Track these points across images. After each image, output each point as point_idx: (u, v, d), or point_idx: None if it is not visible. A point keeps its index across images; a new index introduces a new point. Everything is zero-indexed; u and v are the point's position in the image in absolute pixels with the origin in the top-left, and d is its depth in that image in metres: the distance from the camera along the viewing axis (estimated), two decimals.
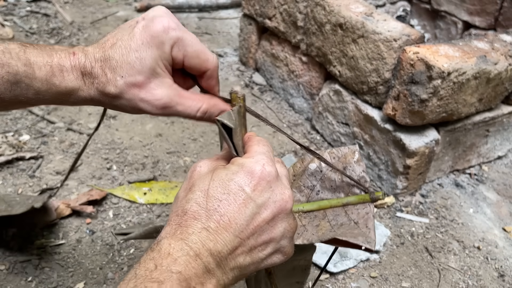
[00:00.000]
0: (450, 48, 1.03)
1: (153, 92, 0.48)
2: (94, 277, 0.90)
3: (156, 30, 0.47)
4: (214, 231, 0.40)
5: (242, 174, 0.43)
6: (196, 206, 0.41)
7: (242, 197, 0.42)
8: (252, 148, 0.47)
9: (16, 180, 1.10)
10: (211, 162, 0.47)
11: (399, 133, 1.09)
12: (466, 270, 1.01)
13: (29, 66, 0.45)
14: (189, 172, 0.47)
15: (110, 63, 0.47)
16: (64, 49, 0.48)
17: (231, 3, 2.25)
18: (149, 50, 0.47)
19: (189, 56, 0.49)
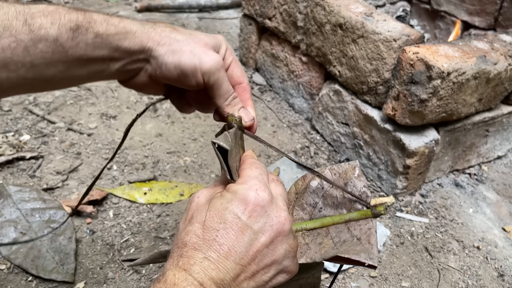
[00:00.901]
0: (449, 48, 1.03)
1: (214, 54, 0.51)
2: (94, 277, 0.90)
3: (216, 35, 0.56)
4: (215, 261, 0.41)
5: (236, 202, 0.44)
6: (195, 238, 0.42)
7: (239, 225, 0.43)
8: (244, 172, 0.48)
9: (16, 180, 1.10)
10: (209, 191, 0.48)
11: (399, 133, 1.10)
12: (466, 270, 1.01)
13: (87, 14, 0.47)
14: (188, 204, 0.48)
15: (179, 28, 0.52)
16: None
17: (231, 3, 2.25)
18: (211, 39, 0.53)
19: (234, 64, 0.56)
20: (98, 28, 0.47)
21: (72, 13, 0.46)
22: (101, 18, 0.48)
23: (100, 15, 0.48)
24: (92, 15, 0.47)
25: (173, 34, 0.50)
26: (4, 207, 0.99)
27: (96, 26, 0.47)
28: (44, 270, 0.88)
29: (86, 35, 0.46)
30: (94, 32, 0.47)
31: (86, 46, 0.47)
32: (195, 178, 1.19)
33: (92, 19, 0.47)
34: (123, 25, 0.48)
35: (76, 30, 0.46)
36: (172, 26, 0.52)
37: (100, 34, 0.47)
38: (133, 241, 0.99)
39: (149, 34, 0.50)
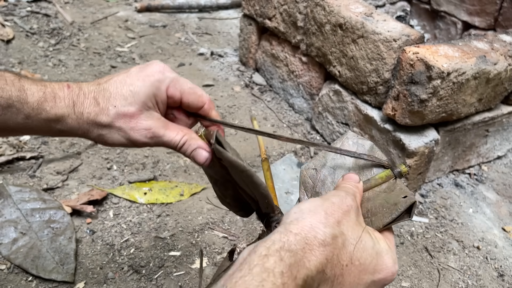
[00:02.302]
0: (449, 48, 1.03)
1: (143, 122, 0.51)
2: (94, 277, 0.90)
3: (152, 71, 0.52)
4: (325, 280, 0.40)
5: (380, 261, 0.45)
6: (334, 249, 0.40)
7: (364, 278, 0.43)
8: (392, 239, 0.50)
9: (16, 180, 1.10)
10: (359, 208, 0.47)
11: (399, 133, 1.10)
12: (466, 270, 1.01)
13: (22, 91, 0.48)
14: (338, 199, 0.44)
15: (104, 93, 0.50)
16: (58, 83, 0.51)
17: (231, 3, 2.25)
18: (143, 87, 0.51)
19: (186, 93, 0.53)
20: (29, 111, 0.48)
21: (6, 89, 0.47)
22: (35, 99, 0.48)
23: (34, 94, 0.48)
24: (27, 94, 0.48)
25: (98, 118, 0.50)
26: (4, 207, 0.99)
27: (28, 109, 0.48)
28: (44, 270, 0.88)
29: (16, 115, 0.48)
30: (25, 114, 0.48)
31: (16, 124, 0.48)
32: (195, 178, 1.19)
33: (25, 100, 0.47)
34: (55, 111, 0.49)
35: (6, 108, 0.47)
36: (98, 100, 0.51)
37: (31, 117, 0.48)
38: (133, 241, 0.99)
39: (78, 121, 0.50)
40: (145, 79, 0.51)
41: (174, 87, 0.52)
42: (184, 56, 1.79)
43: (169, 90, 0.52)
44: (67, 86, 0.50)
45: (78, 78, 1.55)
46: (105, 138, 0.52)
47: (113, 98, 0.50)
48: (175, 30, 1.99)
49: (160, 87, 0.52)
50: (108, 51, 1.74)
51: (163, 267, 0.94)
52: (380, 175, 0.54)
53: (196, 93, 0.54)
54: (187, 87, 0.53)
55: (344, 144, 0.58)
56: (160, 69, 0.52)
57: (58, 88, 0.50)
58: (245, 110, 1.49)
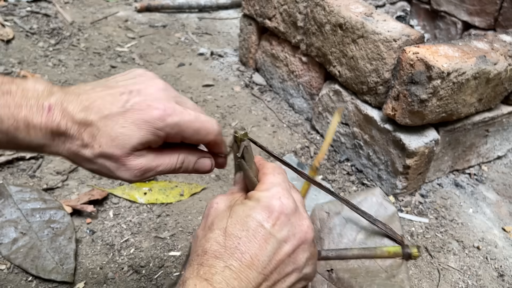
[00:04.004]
0: (449, 48, 1.03)
1: (131, 163, 0.45)
2: (94, 277, 0.90)
3: (150, 117, 0.43)
4: (237, 270, 0.40)
5: (260, 210, 0.42)
6: (216, 245, 0.41)
7: (262, 233, 0.41)
8: (267, 178, 0.46)
9: (16, 180, 1.10)
10: (228, 197, 0.47)
11: (399, 133, 1.10)
12: (466, 270, 1.02)
13: None
14: (206, 210, 0.46)
15: (91, 129, 0.43)
16: (38, 97, 0.43)
17: (231, 3, 2.25)
18: (137, 132, 0.43)
19: (188, 137, 0.47)
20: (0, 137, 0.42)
21: None
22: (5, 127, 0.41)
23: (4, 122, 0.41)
24: None
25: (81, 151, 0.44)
26: (5, 207, 0.99)
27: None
28: (44, 270, 0.88)
29: None
30: None
31: None
32: (195, 178, 1.19)
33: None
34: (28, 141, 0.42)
35: None
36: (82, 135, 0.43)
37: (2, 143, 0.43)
38: (133, 241, 0.99)
39: (58, 149, 0.44)
40: (141, 126, 0.43)
41: (174, 133, 0.45)
42: (184, 56, 1.79)
43: (168, 138, 0.46)
44: (47, 109, 0.42)
45: (78, 78, 1.55)
46: (89, 169, 0.46)
47: (100, 136, 0.43)
48: (175, 30, 1.99)
49: (159, 135, 0.45)
50: (108, 51, 1.74)
51: (163, 267, 0.94)
52: (388, 249, 0.51)
53: (199, 133, 0.47)
54: (191, 132, 0.46)
55: (368, 199, 0.55)
56: (160, 115, 0.43)
57: (36, 112, 0.42)
58: (245, 110, 1.49)
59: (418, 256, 0.50)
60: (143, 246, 0.98)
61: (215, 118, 1.43)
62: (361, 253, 0.50)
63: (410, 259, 0.51)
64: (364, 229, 0.53)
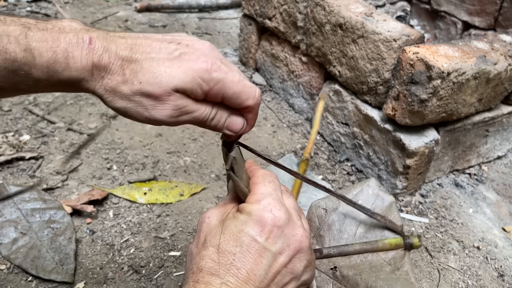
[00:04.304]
0: (449, 48, 1.03)
1: (170, 103, 0.43)
2: (94, 277, 0.90)
3: (199, 67, 0.43)
4: (234, 285, 0.40)
5: (252, 224, 0.42)
6: (211, 262, 0.41)
7: (256, 248, 0.41)
8: (257, 188, 0.45)
9: (16, 180, 1.10)
10: (219, 211, 0.46)
11: (399, 133, 1.10)
12: (466, 270, 1.01)
13: (29, 51, 0.40)
14: (199, 224, 0.46)
15: (135, 66, 0.42)
16: (77, 31, 0.42)
17: (231, 3, 2.25)
18: (182, 75, 0.42)
19: (228, 98, 0.46)
20: (38, 74, 0.41)
21: (9, 50, 0.39)
22: (44, 60, 0.40)
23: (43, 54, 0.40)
24: (34, 55, 0.40)
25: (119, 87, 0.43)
26: (5, 207, 0.99)
27: (37, 72, 0.40)
28: (44, 271, 0.88)
29: (25, 77, 0.41)
30: (34, 78, 0.41)
31: (26, 86, 0.42)
32: (195, 178, 1.19)
33: (32, 62, 0.40)
34: (67, 74, 0.41)
35: (13, 72, 0.40)
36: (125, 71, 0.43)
37: (42, 81, 0.41)
38: (133, 241, 0.99)
39: (95, 85, 0.43)
40: (187, 72, 0.42)
41: (217, 90, 0.44)
42: None
43: (210, 93, 0.44)
44: (88, 41, 0.41)
45: None
46: (121, 108, 0.44)
47: (142, 73, 0.42)
48: (175, 30, 1.99)
49: (202, 87, 0.43)
50: None
51: (163, 267, 0.94)
52: (390, 241, 0.51)
53: (240, 97, 0.46)
54: (232, 92, 0.45)
55: (364, 191, 0.55)
56: (207, 68, 0.43)
57: (76, 44, 0.41)
58: None
59: (419, 245, 0.50)
60: (143, 246, 0.98)
61: None
62: (363, 247, 0.50)
63: (412, 249, 0.51)
64: (363, 223, 0.53)
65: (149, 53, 0.43)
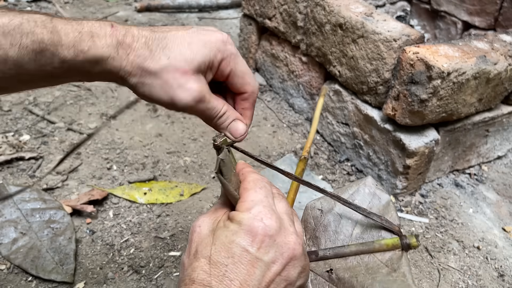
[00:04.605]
0: (449, 48, 1.03)
1: (193, 83, 0.46)
2: (94, 277, 0.90)
3: (215, 38, 0.48)
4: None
5: (243, 234, 0.41)
6: (203, 274, 0.40)
7: (248, 259, 0.41)
8: (247, 195, 0.45)
9: (16, 180, 1.10)
10: (210, 219, 0.46)
11: (399, 133, 1.10)
12: (466, 270, 1.01)
13: (55, 33, 0.42)
14: (190, 234, 0.45)
15: (159, 42, 0.45)
16: (99, 21, 0.45)
17: (231, 3, 2.25)
18: (202, 49, 0.46)
19: (235, 74, 0.49)
20: (65, 54, 0.43)
21: (36, 32, 0.41)
22: (70, 39, 0.42)
23: (69, 35, 0.43)
24: (60, 35, 0.42)
25: (146, 63, 0.45)
26: (5, 207, 0.99)
27: (63, 51, 0.42)
28: (44, 271, 0.88)
29: (51, 59, 0.43)
30: (60, 58, 0.43)
31: (52, 69, 0.43)
32: (195, 178, 1.19)
33: (59, 41, 0.42)
34: (94, 52, 0.43)
35: (40, 53, 0.42)
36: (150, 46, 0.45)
37: (67, 61, 0.43)
38: (133, 241, 0.99)
39: (121, 63, 0.45)
40: (206, 44, 0.47)
41: (228, 63, 0.48)
42: None
43: (222, 63, 0.48)
44: (110, 25, 0.44)
45: None
46: (146, 88, 0.46)
47: (169, 49, 0.45)
48: None
49: (217, 56, 0.47)
50: None
51: (163, 267, 0.94)
52: (386, 242, 0.50)
53: (244, 78, 0.50)
54: (240, 69, 0.49)
55: (360, 190, 0.54)
56: (223, 39, 0.48)
57: (99, 27, 0.44)
58: None
59: (417, 246, 0.49)
60: (143, 246, 0.98)
61: None
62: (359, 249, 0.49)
63: (410, 249, 0.50)
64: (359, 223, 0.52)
65: (171, 30, 0.47)
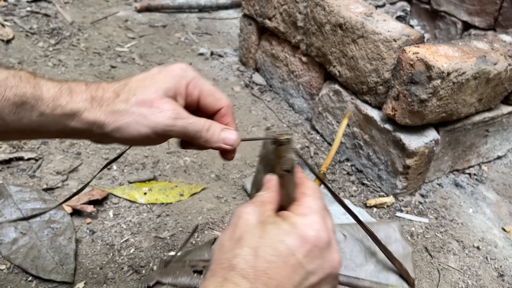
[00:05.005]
0: (449, 48, 1.03)
1: (165, 105, 0.49)
2: (94, 277, 0.90)
3: (174, 68, 0.52)
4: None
5: (294, 237, 0.41)
6: (244, 264, 0.40)
7: (292, 262, 0.41)
8: (305, 201, 0.45)
9: (16, 180, 1.10)
10: (259, 209, 0.45)
11: (399, 133, 1.10)
12: (466, 270, 1.01)
13: (38, 88, 0.46)
14: (234, 218, 0.45)
15: (125, 87, 0.50)
16: (75, 82, 0.50)
17: (231, 3, 2.25)
18: (164, 79, 0.51)
19: (204, 94, 0.53)
20: (44, 108, 0.46)
21: (20, 86, 0.45)
22: (51, 94, 0.47)
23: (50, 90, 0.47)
24: (42, 90, 0.46)
25: (117, 107, 0.49)
26: (5, 207, 0.99)
27: (43, 105, 0.46)
28: (44, 270, 0.88)
29: (30, 112, 0.46)
30: (40, 112, 0.46)
31: (29, 122, 0.47)
32: (195, 178, 1.19)
33: (40, 96, 0.46)
34: (71, 106, 0.47)
35: (20, 106, 0.45)
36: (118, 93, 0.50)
37: (46, 114, 0.47)
38: (133, 241, 0.99)
39: (95, 114, 0.49)
40: (166, 75, 0.51)
41: (194, 85, 0.52)
42: (184, 56, 1.79)
43: (189, 87, 0.52)
44: (84, 84, 0.50)
45: (78, 78, 1.55)
46: (124, 130, 0.49)
47: (134, 89, 0.50)
48: (175, 30, 1.99)
49: (181, 82, 0.51)
50: (108, 51, 1.74)
51: None
52: None
53: (214, 95, 0.53)
54: (207, 88, 0.53)
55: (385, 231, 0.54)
56: (182, 67, 0.53)
57: (75, 85, 0.49)
58: (245, 110, 1.49)
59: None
60: (143, 246, 0.98)
61: None
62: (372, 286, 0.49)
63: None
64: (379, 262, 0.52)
65: (132, 77, 0.52)
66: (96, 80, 1.55)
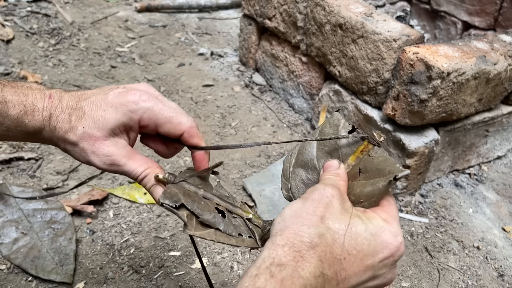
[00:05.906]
0: (449, 48, 1.03)
1: (105, 148, 0.51)
2: (94, 277, 0.90)
3: (127, 100, 0.51)
4: (327, 281, 0.40)
5: (379, 241, 0.43)
6: (325, 247, 0.40)
7: (367, 263, 0.42)
8: (391, 209, 0.46)
9: (16, 180, 1.10)
10: (340, 196, 0.45)
11: (399, 133, 1.10)
12: (466, 270, 1.02)
13: (4, 104, 0.48)
14: (317, 194, 0.44)
15: (79, 112, 0.51)
16: (41, 89, 0.51)
17: (231, 3, 2.25)
18: (114, 114, 0.50)
19: (161, 123, 0.52)
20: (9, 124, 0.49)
21: None
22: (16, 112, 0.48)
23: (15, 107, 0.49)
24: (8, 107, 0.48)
25: (67, 135, 0.50)
26: (7, 207, 0.99)
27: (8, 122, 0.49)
28: (44, 271, 0.89)
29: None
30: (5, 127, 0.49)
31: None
32: None
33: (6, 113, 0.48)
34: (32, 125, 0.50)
35: None
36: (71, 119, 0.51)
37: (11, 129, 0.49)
38: (133, 241, 0.99)
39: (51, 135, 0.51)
40: (118, 108, 0.50)
41: (148, 118, 0.51)
42: (184, 56, 1.79)
43: (142, 121, 0.52)
44: (48, 96, 0.51)
45: (78, 78, 1.55)
46: (70, 153, 0.52)
47: (84, 119, 0.50)
48: (175, 30, 1.99)
49: (132, 118, 0.51)
50: (108, 51, 1.74)
51: (163, 267, 0.94)
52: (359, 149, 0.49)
53: (172, 122, 0.52)
54: (163, 116, 0.52)
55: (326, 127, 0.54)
56: (135, 99, 0.51)
57: (40, 99, 0.50)
58: (245, 110, 1.49)
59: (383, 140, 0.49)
60: (143, 246, 0.98)
61: (215, 118, 1.43)
62: None
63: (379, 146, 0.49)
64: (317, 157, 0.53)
65: (90, 98, 0.51)
66: (96, 80, 1.55)
